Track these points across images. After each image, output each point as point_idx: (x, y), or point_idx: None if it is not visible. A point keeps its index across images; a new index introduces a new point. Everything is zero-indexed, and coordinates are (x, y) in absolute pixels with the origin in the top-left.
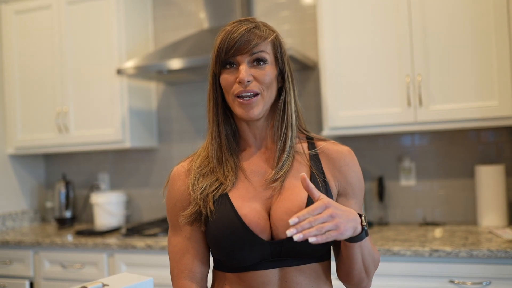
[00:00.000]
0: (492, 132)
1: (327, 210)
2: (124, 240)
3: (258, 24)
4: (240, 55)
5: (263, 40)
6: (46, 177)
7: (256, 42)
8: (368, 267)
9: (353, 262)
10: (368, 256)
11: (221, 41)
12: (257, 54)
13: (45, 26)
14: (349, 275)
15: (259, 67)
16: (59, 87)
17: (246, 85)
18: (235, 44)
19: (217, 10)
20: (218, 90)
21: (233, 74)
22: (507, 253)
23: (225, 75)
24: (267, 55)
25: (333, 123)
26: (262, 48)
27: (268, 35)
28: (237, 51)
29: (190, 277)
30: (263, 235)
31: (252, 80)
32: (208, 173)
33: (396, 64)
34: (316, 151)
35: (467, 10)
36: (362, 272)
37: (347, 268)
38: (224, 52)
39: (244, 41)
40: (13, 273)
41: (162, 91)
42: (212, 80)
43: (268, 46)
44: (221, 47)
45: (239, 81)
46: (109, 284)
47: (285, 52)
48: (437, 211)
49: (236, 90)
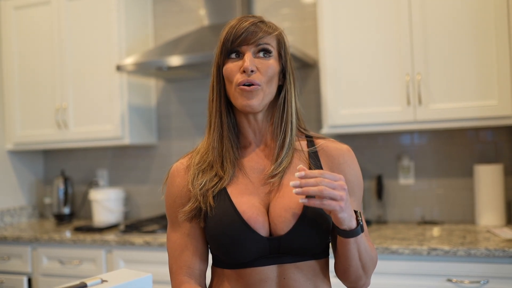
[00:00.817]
0: (491, 131)
1: (341, 181)
2: (123, 237)
3: (264, 20)
4: (246, 45)
5: (269, 34)
6: (44, 173)
7: (262, 34)
8: (365, 264)
9: (349, 259)
10: (364, 253)
11: (228, 32)
12: (263, 45)
13: (44, 21)
14: (346, 272)
15: (264, 58)
16: (58, 83)
17: (250, 74)
18: (241, 34)
19: (217, 7)
20: (222, 82)
21: (237, 63)
22: (505, 252)
23: (229, 65)
24: (272, 48)
25: (332, 121)
26: (267, 41)
27: (274, 30)
28: (243, 41)
29: (188, 274)
30: (261, 231)
31: (256, 71)
32: (208, 169)
33: (396, 63)
34: (315, 149)
35: (467, 9)
36: (360, 269)
37: (344, 264)
38: (231, 41)
39: (250, 31)
40: (11, 269)
41: (161, 88)
42: (217, 72)
43: (274, 41)
44: (228, 37)
45: (243, 70)
46: (108, 280)
47: (288, 50)
48: (436, 210)
49: (239, 79)
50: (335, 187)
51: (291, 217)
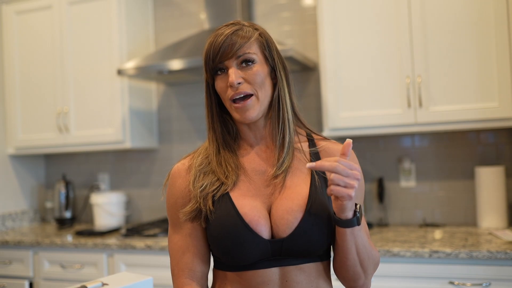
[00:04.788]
0: (492, 133)
1: (356, 171)
2: (124, 241)
3: (242, 26)
4: (227, 60)
5: (247, 41)
6: (46, 177)
7: (240, 44)
8: (363, 261)
9: (346, 251)
10: (362, 248)
11: (207, 50)
12: (243, 56)
13: (46, 26)
14: (343, 267)
15: (248, 68)
16: (59, 87)
17: (237, 87)
18: (219, 50)
19: (217, 11)
20: (213, 97)
21: (224, 79)
22: (507, 255)
23: (218, 82)
24: (254, 55)
25: (333, 124)
26: (246, 50)
27: (251, 34)
28: (223, 57)
29: (190, 276)
30: (263, 234)
31: (243, 82)
32: (209, 172)
33: (396, 65)
34: (316, 150)
35: (467, 12)
36: (357, 265)
37: (342, 257)
38: (212, 59)
39: (227, 45)
40: (13, 273)
41: (162, 92)
42: (207, 88)
43: (254, 46)
44: (208, 56)
45: (230, 85)
46: (109, 283)
47: (274, 48)
48: (437, 213)
49: (230, 94)
50: (349, 175)
51: (294, 219)
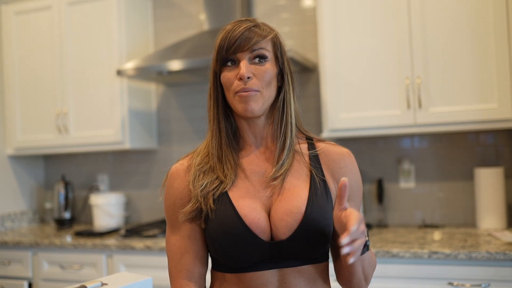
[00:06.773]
0: (492, 134)
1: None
2: (123, 241)
3: (258, 23)
4: (240, 52)
5: (263, 38)
6: (45, 178)
7: (256, 39)
8: (367, 275)
9: (353, 274)
10: (368, 267)
11: (222, 39)
12: (258, 51)
13: (45, 27)
14: (349, 283)
15: (260, 64)
16: (59, 88)
17: (246, 81)
18: (235, 41)
19: (217, 12)
20: (219, 89)
21: (233, 71)
22: (506, 255)
23: (225, 73)
24: (268, 52)
25: (332, 125)
26: (262, 46)
27: (268, 33)
28: (238, 49)
29: (188, 277)
30: (263, 236)
31: (252, 77)
32: (209, 171)
33: (396, 66)
34: (316, 152)
35: (466, 13)
36: (362, 281)
37: (348, 277)
38: (225, 49)
39: (244, 38)
40: (12, 273)
41: (162, 93)
42: (213, 79)
43: (268, 44)
44: (222, 45)
45: (240, 77)
46: (108, 283)
47: (285, 51)
48: (436, 214)
49: (237, 87)
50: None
51: (293, 221)
